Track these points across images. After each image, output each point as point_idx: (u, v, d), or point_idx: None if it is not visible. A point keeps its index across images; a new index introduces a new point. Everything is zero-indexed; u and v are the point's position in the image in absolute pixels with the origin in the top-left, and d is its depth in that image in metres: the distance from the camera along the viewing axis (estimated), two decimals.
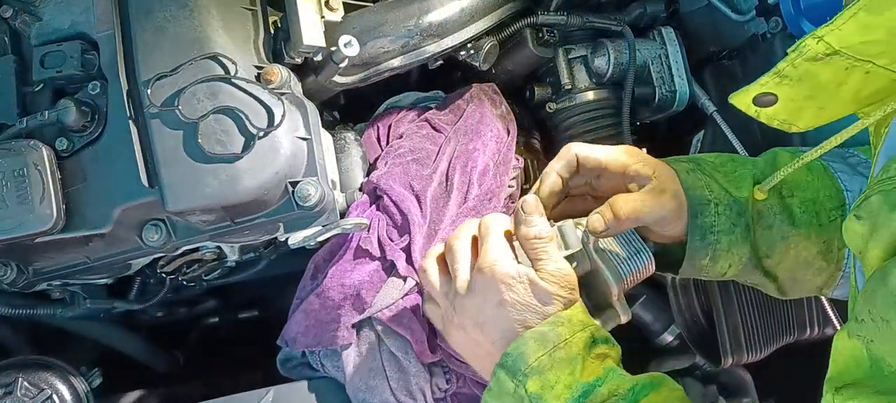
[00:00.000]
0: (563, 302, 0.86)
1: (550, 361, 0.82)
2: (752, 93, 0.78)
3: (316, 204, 0.93)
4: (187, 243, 1.00)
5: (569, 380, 0.82)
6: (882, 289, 0.61)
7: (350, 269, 1.04)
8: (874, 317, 0.63)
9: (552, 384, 0.82)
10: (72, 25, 0.99)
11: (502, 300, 0.86)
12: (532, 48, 1.21)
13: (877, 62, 0.70)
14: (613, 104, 1.23)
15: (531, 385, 0.82)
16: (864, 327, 0.64)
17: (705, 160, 0.97)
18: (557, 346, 0.83)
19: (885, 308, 0.61)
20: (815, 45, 0.70)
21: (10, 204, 0.91)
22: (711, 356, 1.24)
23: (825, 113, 0.79)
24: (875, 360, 0.64)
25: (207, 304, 1.46)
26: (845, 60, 0.70)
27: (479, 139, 1.12)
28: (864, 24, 0.66)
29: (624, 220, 0.90)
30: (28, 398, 1.07)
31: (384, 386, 1.04)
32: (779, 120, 0.80)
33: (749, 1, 1.16)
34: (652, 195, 0.91)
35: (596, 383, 0.82)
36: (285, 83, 0.97)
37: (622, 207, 0.90)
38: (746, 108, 0.80)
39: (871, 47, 0.68)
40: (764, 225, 0.94)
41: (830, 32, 0.68)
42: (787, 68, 0.73)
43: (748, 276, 0.97)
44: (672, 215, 0.92)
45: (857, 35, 0.67)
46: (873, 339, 0.63)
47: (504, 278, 0.86)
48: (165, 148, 0.92)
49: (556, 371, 0.82)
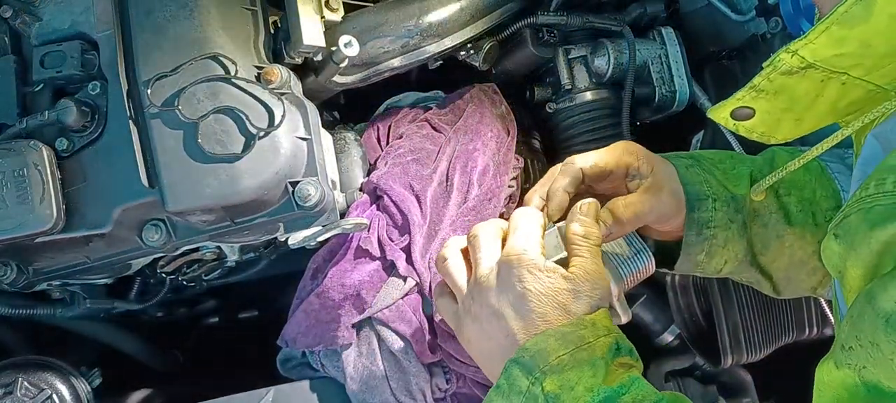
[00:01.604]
0: (591, 304, 0.82)
1: (572, 361, 0.77)
2: (729, 107, 0.78)
3: (316, 204, 0.93)
4: (187, 243, 1.00)
5: (590, 383, 0.77)
6: (869, 313, 0.60)
7: (350, 269, 1.04)
8: (863, 343, 0.61)
9: (572, 385, 0.77)
10: (72, 25, 0.99)
11: (526, 289, 0.81)
12: (532, 48, 1.21)
13: (852, 74, 0.70)
14: (613, 104, 1.23)
15: (549, 383, 0.77)
16: (853, 355, 0.63)
17: (704, 156, 0.98)
18: (580, 347, 0.78)
19: (873, 332, 0.60)
20: (789, 59, 0.70)
21: (10, 204, 0.91)
22: (711, 356, 1.24)
23: (803, 124, 0.79)
24: (871, 387, 0.62)
25: (207, 304, 1.46)
26: (820, 73, 0.70)
27: (479, 139, 1.12)
28: (836, 37, 0.66)
29: (625, 223, 0.89)
30: (28, 398, 1.07)
31: (384, 386, 1.04)
32: (757, 132, 0.80)
33: (749, 1, 1.16)
34: (650, 194, 0.91)
35: (619, 390, 0.77)
36: (285, 83, 0.97)
37: (624, 211, 0.89)
38: (724, 122, 0.80)
39: (845, 60, 0.69)
40: (760, 223, 0.94)
41: (804, 46, 0.68)
42: (763, 82, 0.73)
43: (744, 273, 0.98)
44: (671, 212, 0.92)
45: (830, 48, 0.68)
46: (866, 365, 0.62)
47: (531, 266, 0.82)
48: (165, 148, 0.92)
49: (577, 371, 0.77)
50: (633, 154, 0.93)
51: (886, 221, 0.60)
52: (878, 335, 0.59)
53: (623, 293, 0.94)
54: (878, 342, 0.59)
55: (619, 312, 0.93)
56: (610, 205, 0.90)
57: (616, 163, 0.93)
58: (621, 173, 0.93)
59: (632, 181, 0.93)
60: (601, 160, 0.93)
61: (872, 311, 0.60)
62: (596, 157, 0.93)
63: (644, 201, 0.90)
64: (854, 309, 0.63)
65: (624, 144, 0.95)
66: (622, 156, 0.93)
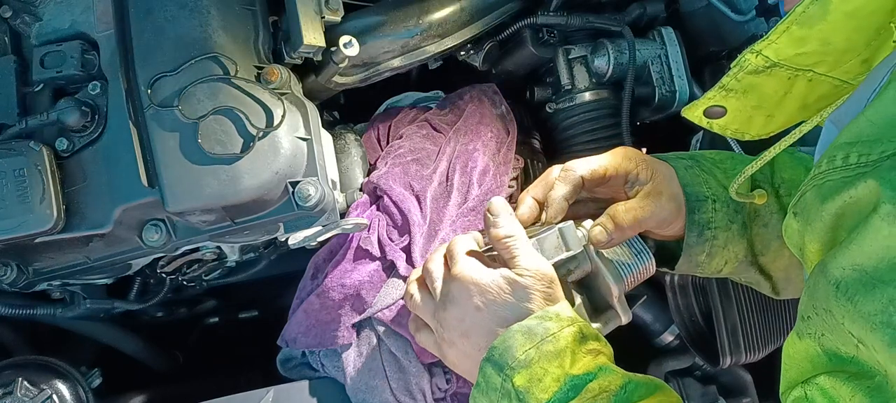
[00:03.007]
0: (542, 295, 0.85)
1: (538, 354, 0.80)
2: (701, 106, 0.80)
3: (316, 204, 0.93)
4: (187, 243, 1.00)
5: (557, 373, 0.80)
6: (822, 281, 0.62)
7: (350, 269, 1.04)
8: (818, 311, 0.64)
9: (540, 377, 0.80)
10: (72, 25, 0.99)
11: (477, 304, 0.85)
12: (532, 48, 1.21)
13: (817, 70, 0.72)
14: (613, 104, 1.23)
15: (518, 379, 0.80)
16: (811, 323, 0.65)
17: (705, 156, 0.98)
18: (545, 339, 0.81)
19: (826, 299, 0.62)
20: (754, 59, 0.72)
21: (10, 204, 0.91)
22: (710, 356, 1.24)
23: (774, 121, 0.81)
24: (831, 354, 0.64)
25: (207, 304, 1.46)
26: (786, 71, 0.73)
27: (479, 139, 1.12)
28: (796, 36, 0.68)
29: (626, 229, 0.91)
30: (28, 398, 1.07)
31: (384, 386, 1.04)
32: (730, 130, 0.82)
33: (749, 1, 1.16)
34: (650, 199, 0.92)
35: (586, 377, 0.79)
36: (285, 83, 0.97)
37: (624, 217, 0.91)
38: (698, 120, 0.82)
39: (808, 58, 0.71)
40: (760, 224, 0.95)
41: (767, 46, 0.70)
42: (732, 82, 0.76)
43: (743, 274, 0.98)
44: (671, 216, 0.93)
45: (792, 47, 0.70)
46: (823, 333, 0.64)
47: (475, 281, 0.86)
48: (165, 148, 0.92)
49: (545, 363, 0.80)
50: (632, 160, 0.94)
51: (835, 193, 0.63)
52: (830, 301, 0.61)
53: (623, 293, 0.94)
54: (830, 308, 0.62)
55: (619, 312, 0.93)
56: (610, 211, 0.92)
57: (615, 169, 0.94)
58: (620, 179, 0.94)
59: (631, 187, 0.94)
60: (600, 166, 0.94)
61: (824, 280, 0.62)
62: (595, 163, 0.94)
63: (644, 206, 0.92)
64: (811, 280, 0.65)
65: (623, 150, 0.96)
66: (621, 162, 0.94)
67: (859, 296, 0.59)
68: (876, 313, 0.57)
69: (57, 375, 1.10)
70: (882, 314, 0.57)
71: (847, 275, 0.60)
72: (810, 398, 0.65)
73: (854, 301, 0.59)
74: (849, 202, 0.62)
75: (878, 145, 0.60)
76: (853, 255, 0.60)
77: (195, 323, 1.51)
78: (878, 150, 0.60)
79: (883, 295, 0.57)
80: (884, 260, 0.57)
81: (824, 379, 0.64)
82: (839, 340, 0.63)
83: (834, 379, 0.63)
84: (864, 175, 0.60)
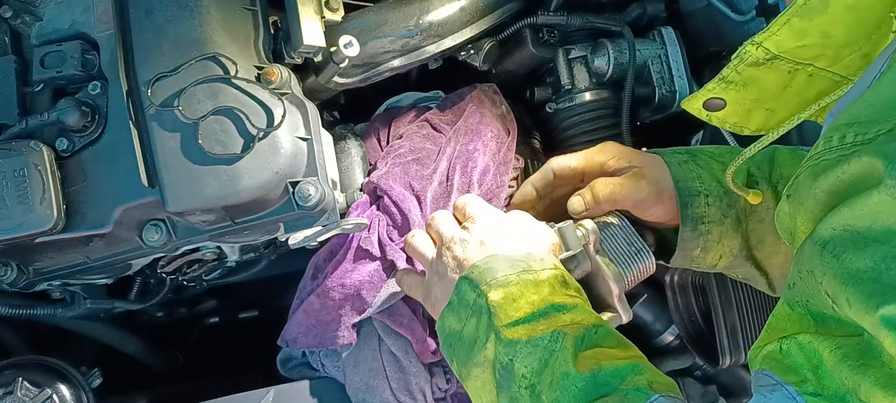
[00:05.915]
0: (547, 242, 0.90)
1: (517, 280, 0.82)
2: (701, 98, 0.80)
3: (316, 204, 0.93)
4: (187, 243, 1.00)
5: (534, 299, 0.81)
6: (808, 245, 0.62)
7: (350, 269, 1.04)
8: (802, 274, 0.63)
9: (515, 297, 0.81)
10: (72, 25, 0.99)
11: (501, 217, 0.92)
12: (532, 48, 1.20)
13: (817, 65, 0.73)
14: (613, 104, 1.23)
15: (493, 294, 0.81)
16: (797, 290, 0.64)
17: (703, 151, 1.00)
18: (526, 271, 0.83)
19: (810, 259, 0.61)
20: (754, 51, 0.72)
21: (10, 204, 0.91)
22: (709, 356, 1.24)
23: (774, 115, 0.81)
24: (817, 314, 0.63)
25: (207, 304, 1.46)
26: (787, 64, 0.73)
27: (480, 139, 1.12)
28: (797, 29, 0.68)
29: (602, 202, 0.96)
30: (28, 398, 1.07)
31: (384, 386, 1.04)
32: (730, 123, 0.83)
33: (749, 1, 1.16)
34: (631, 180, 0.96)
35: (562, 306, 0.81)
36: (285, 83, 0.97)
37: (601, 190, 0.96)
38: (697, 113, 0.82)
39: (808, 51, 0.71)
40: (756, 220, 0.95)
41: (768, 38, 0.71)
42: (732, 74, 0.76)
43: (740, 269, 0.99)
44: (650, 199, 0.96)
45: (793, 40, 0.70)
46: (808, 299, 0.63)
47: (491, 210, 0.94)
48: (165, 148, 0.92)
49: (523, 287, 0.82)
50: (606, 152, 1.00)
51: (828, 170, 0.62)
52: (814, 261, 0.60)
53: (623, 292, 0.94)
54: (813, 269, 0.61)
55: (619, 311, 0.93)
56: (591, 184, 0.97)
57: (586, 163, 1.00)
58: (595, 172, 0.99)
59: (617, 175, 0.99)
60: (571, 161, 1.01)
61: (811, 242, 0.61)
62: (568, 159, 1.02)
63: (623, 184, 0.96)
64: (798, 251, 0.65)
65: (600, 145, 1.01)
66: (596, 156, 1.00)
67: (848, 253, 0.57)
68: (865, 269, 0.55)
69: (57, 375, 1.10)
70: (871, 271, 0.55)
71: (837, 235, 0.58)
72: (785, 350, 0.63)
73: (841, 258, 0.57)
74: (842, 178, 0.60)
75: (875, 125, 0.59)
76: (845, 217, 0.58)
77: (195, 323, 1.51)
78: (874, 129, 0.59)
79: (875, 253, 0.55)
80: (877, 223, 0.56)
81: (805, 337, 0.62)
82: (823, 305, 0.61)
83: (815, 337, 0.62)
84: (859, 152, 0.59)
